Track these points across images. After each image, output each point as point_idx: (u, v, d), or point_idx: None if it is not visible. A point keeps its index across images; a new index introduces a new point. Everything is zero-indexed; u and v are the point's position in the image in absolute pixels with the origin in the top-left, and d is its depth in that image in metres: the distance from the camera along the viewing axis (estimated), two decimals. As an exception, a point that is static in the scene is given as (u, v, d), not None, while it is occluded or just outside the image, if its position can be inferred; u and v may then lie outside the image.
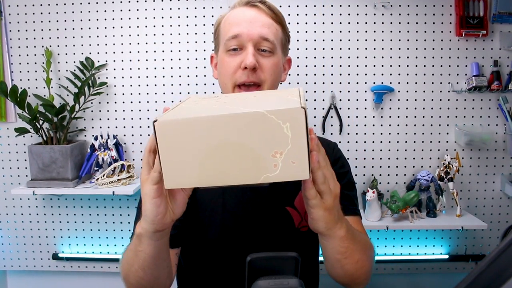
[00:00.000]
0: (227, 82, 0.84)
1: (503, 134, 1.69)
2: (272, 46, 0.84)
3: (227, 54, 0.84)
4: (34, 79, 1.71)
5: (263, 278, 0.62)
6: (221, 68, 0.86)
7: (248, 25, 0.83)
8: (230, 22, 0.85)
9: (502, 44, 1.64)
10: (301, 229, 0.91)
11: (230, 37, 0.83)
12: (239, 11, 0.86)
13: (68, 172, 1.58)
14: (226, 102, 0.55)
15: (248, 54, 0.81)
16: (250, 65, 0.80)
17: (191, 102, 0.59)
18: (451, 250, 1.76)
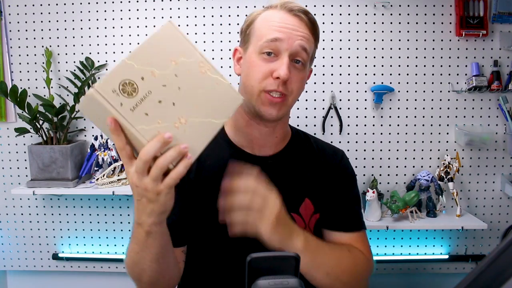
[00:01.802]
0: (254, 86, 0.82)
1: (503, 134, 1.69)
2: (306, 59, 0.84)
3: (259, 57, 0.82)
4: (34, 79, 1.71)
5: (263, 278, 0.62)
6: (250, 69, 0.84)
7: (290, 33, 0.81)
8: (271, 24, 0.82)
9: (502, 44, 1.64)
10: None
11: (269, 39, 0.81)
12: (281, 16, 0.83)
13: (68, 172, 1.58)
14: None
15: (284, 64, 0.79)
16: (284, 77, 0.79)
17: None
18: (451, 250, 1.76)
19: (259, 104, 0.83)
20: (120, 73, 0.57)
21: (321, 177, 0.94)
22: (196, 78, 0.65)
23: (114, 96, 0.56)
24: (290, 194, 0.90)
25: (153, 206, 0.61)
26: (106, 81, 0.55)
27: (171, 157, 0.58)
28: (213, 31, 1.68)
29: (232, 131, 0.93)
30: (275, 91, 0.81)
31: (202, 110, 0.66)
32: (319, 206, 0.93)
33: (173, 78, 0.62)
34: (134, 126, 0.57)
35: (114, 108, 0.56)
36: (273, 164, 0.91)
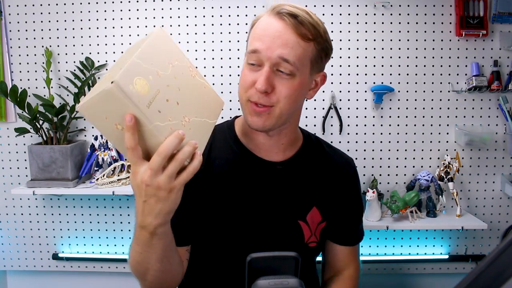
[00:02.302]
0: (242, 95, 0.81)
1: (503, 134, 1.69)
2: (292, 68, 0.77)
3: (247, 66, 0.80)
4: (34, 79, 1.71)
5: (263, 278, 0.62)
6: (240, 78, 0.83)
7: (269, 42, 0.76)
8: (257, 33, 0.79)
9: (502, 44, 1.64)
10: (309, 244, 0.91)
11: (250, 51, 0.79)
12: (267, 22, 0.79)
13: (68, 172, 1.58)
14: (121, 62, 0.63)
15: (262, 76, 0.76)
16: (260, 89, 0.76)
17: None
18: (451, 250, 1.76)
19: (246, 114, 0.82)
20: (132, 71, 0.56)
21: (331, 186, 0.94)
22: (189, 80, 0.67)
23: (133, 91, 0.54)
24: (298, 202, 0.90)
25: (162, 206, 0.60)
26: (124, 76, 0.54)
27: (189, 152, 0.58)
28: (213, 31, 1.68)
29: (242, 134, 0.92)
30: (258, 103, 0.78)
31: (199, 110, 0.68)
32: (327, 215, 0.92)
33: (173, 79, 0.63)
34: (151, 122, 0.56)
35: (134, 104, 0.54)
36: (282, 170, 0.90)
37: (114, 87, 0.53)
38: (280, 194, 0.89)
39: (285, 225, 0.88)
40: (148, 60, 0.59)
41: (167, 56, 0.64)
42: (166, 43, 0.65)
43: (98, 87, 0.58)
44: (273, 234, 0.87)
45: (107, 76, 0.61)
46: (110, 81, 0.54)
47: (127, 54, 0.66)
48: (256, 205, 0.87)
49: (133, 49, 0.65)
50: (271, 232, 0.87)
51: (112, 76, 0.55)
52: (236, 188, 0.87)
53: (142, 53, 0.59)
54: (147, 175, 0.57)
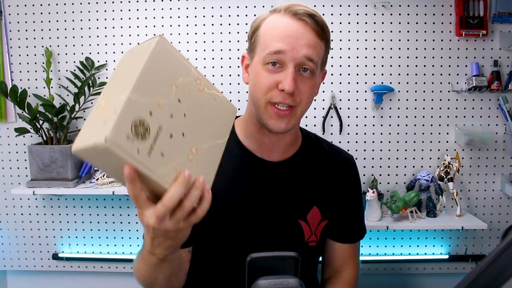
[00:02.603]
0: (260, 98, 0.80)
1: (503, 134, 1.69)
2: (314, 67, 0.79)
3: (264, 67, 0.78)
4: (34, 79, 1.71)
5: (263, 278, 0.62)
6: (256, 81, 0.80)
7: (293, 43, 0.76)
8: (273, 33, 0.78)
9: (502, 44, 1.64)
10: (309, 243, 0.91)
11: (272, 52, 0.77)
12: (284, 22, 0.78)
13: (68, 172, 1.58)
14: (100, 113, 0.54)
15: (288, 77, 0.75)
16: (289, 90, 0.75)
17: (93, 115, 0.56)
18: (451, 250, 1.76)
19: (267, 117, 0.80)
20: (128, 113, 0.49)
21: (331, 184, 0.94)
22: (196, 98, 0.60)
23: (130, 144, 0.48)
24: (298, 202, 0.90)
25: (171, 242, 0.59)
26: (118, 127, 0.47)
27: (196, 197, 0.54)
28: (214, 31, 1.68)
29: (243, 135, 0.91)
30: (281, 103, 0.78)
31: (208, 133, 0.62)
32: (327, 213, 0.93)
33: (177, 105, 0.56)
34: (154, 172, 0.51)
35: (132, 158, 0.48)
36: (282, 170, 0.90)
37: (108, 144, 0.46)
38: (280, 194, 0.89)
39: (285, 224, 0.88)
40: (147, 91, 0.52)
41: (170, 75, 0.56)
42: (168, 57, 0.56)
43: (93, 126, 0.51)
44: (273, 234, 0.88)
45: (102, 105, 0.52)
46: (104, 118, 0.48)
47: (122, 69, 0.58)
48: (257, 205, 0.87)
49: (129, 63, 0.57)
50: (271, 232, 0.88)
51: (109, 107, 0.49)
52: (236, 189, 0.87)
53: (139, 84, 0.50)
54: (153, 221, 0.53)
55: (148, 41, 0.57)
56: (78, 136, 0.52)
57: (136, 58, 0.56)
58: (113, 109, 0.49)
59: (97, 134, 0.47)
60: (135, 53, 0.58)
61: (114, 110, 0.48)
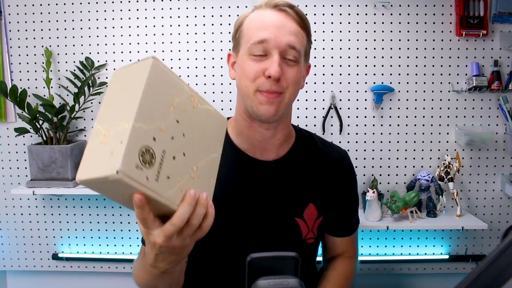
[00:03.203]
0: (248, 86, 0.81)
1: (503, 134, 1.69)
2: (297, 55, 0.81)
3: (250, 57, 0.81)
4: (34, 79, 1.71)
5: (263, 278, 0.62)
6: (242, 71, 0.82)
7: (276, 31, 0.79)
8: (256, 25, 0.81)
9: (502, 44, 1.64)
10: (307, 240, 0.91)
11: (256, 41, 0.79)
12: (266, 14, 0.82)
13: (68, 172, 1.58)
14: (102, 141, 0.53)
15: (274, 63, 0.78)
16: (275, 75, 0.77)
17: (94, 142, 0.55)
18: (451, 250, 1.76)
19: (256, 104, 0.81)
20: (135, 143, 0.50)
21: (326, 181, 0.94)
22: (192, 116, 0.61)
23: (139, 173, 0.49)
24: (294, 199, 0.90)
25: (175, 257, 0.60)
26: (127, 158, 0.48)
27: (202, 214, 0.56)
28: (213, 31, 1.68)
29: (235, 134, 0.92)
30: (269, 91, 0.80)
31: (204, 148, 0.63)
32: (323, 210, 0.93)
33: (176, 126, 0.57)
34: (163, 196, 0.52)
35: (142, 186, 0.50)
36: (277, 169, 0.90)
37: (120, 176, 0.47)
38: (276, 193, 0.89)
39: (282, 223, 0.89)
40: (149, 117, 0.52)
41: (167, 97, 0.56)
42: (163, 78, 0.56)
43: (97, 155, 0.51)
44: (270, 233, 0.88)
45: (103, 132, 0.52)
46: (109, 148, 0.49)
47: (117, 93, 0.56)
48: (252, 205, 0.88)
49: (123, 86, 0.56)
50: (269, 231, 0.88)
51: (112, 136, 0.50)
52: (230, 190, 0.87)
53: (141, 111, 0.51)
54: (161, 240, 0.54)
55: (140, 63, 0.56)
56: (82, 165, 0.52)
57: (130, 82, 0.55)
58: (117, 139, 0.49)
59: (105, 165, 0.48)
60: (127, 76, 0.57)
61: (120, 140, 0.49)
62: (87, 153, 0.53)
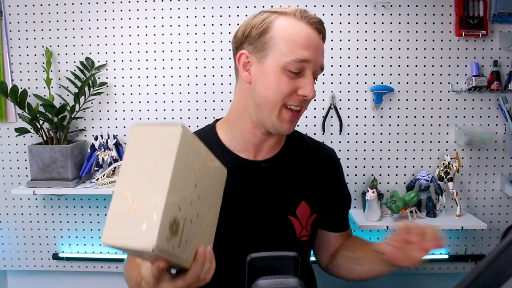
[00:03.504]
0: (278, 101, 0.81)
1: (503, 134, 1.69)
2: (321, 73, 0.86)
3: (284, 72, 0.79)
4: (34, 79, 1.71)
5: (263, 277, 0.62)
6: (273, 84, 0.80)
7: (315, 52, 0.81)
8: (297, 40, 0.79)
9: (502, 44, 1.64)
10: (301, 238, 0.92)
11: (299, 59, 0.78)
12: (304, 30, 0.80)
13: (68, 172, 1.59)
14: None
15: (309, 84, 0.80)
16: (311, 97, 0.81)
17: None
18: (451, 250, 1.76)
19: (279, 120, 0.83)
20: (167, 217, 0.51)
21: (317, 178, 0.96)
22: (205, 176, 0.62)
23: (168, 244, 0.52)
24: (287, 198, 0.91)
25: None
26: (161, 233, 0.50)
27: (209, 269, 0.62)
28: (213, 31, 1.68)
29: (227, 137, 0.92)
30: (296, 106, 0.82)
31: (211, 205, 0.66)
32: (316, 207, 0.94)
33: (194, 190, 0.59)
34: (181, 259, 0.56)
35: (168, 254, 0.53)
36: (268, 168, 0.91)
37: (155, 252, 0.49)
38: (268, 192, 0.90)
39: (276, 221, 0.89)
40: (178, 188, 0.54)
41: (190, 163, 0.57)
42: (189, 146, 0.57)
43: (126, 222, 0.53)
44: (265, 232, 0.88)
45: (130, 199, 0.54)
46: (140, 219, 0.51)
47: (142, 155, 0.56)
48: (245, 205, 0.88)
49: (149, 150, 0.56)
50: (263, 230, 0.88)
51: (142, 205, 0.51)
52: (225, 192, 0.88)
53: (172, 185, 0.52)
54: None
55: (166, 128, 0.56)
56: (108, 228, 0.54)
57: (157, 147, 0.55)
58: (149, 211, 0.51)
59: (137, 236, 0.50)
60: (152, 139, 0.56)
61: (153, 214, 0.50)
62: (113, 216, 0.55)
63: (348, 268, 0.96)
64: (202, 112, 1.71)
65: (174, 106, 1.71)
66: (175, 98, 1.71)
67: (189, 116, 1.71)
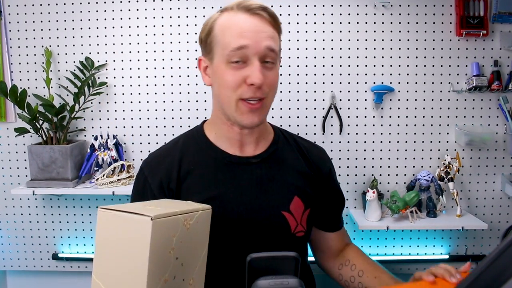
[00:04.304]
0: (230, 96, 0.81)
1: (503, 134, 1.69)
2: (275, 56, 0.82)
3: (228, 66, 0.80)
4: (34, 79, 1.71)
5: (263, 278, 0.62)
6: (222, 80, 0.82)
7: (254, 36, 0.78)
8: (232, 31, 0.79)
9: (502, 44, 1.64)
10: (297, 234, 0.91)
11: (235, 48, 0.78)
12: (241, 19, 0.80)
13: (68, 172, 1.58)
14: None
15: (255, 71, 0.78)
16: (258, 83, 0.78)
17: None
18: (451, 250, 1.76)
19: (239, 114, 0.82)
20: None
21: (309, 175, 0.96)
22: (187, 239, 0.61)
23: None
24: (279, 193, 0.91)
25: None
26: None
27: None
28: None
29: (213, 136, 0.93)
30: (252, 98, 0.80)
31: (197, 254, 0.65)
32: (309, 202, 0.94)
33: (176, 262, 0.58)
34: None
35: None
36: (258, 164, 0.91)
37: None
38: (260, 188, 0.90)
39: (270, 218, 0.89)
40: (156, 277, 0.53)
41: (168, 245, 0.57)
42: (163, 230, 0.56)
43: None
44: (260, 229, 0.88)
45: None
46: None
47: (113, 247, 0.56)
48: (238, 202, 0.88)
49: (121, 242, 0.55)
50: (258, 227, 0.88)
51: None
52: (218, 189, 0.88)
53: (149, 280, 0.52)
54: None
55: (136, 219, 0.54)
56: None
57: (129, 238, 0.54)
58: None
59: None
60: (122, 229, 0.55)
61: None
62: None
63: (358, 285, 0.99)
64: (202, 112, 1.71)
65: (174, 106, 1.71)
66: (175, 98, 1.71)
67: (188, 116, 1.71)
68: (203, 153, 0.92)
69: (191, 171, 0.90)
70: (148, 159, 0.96)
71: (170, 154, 0.93)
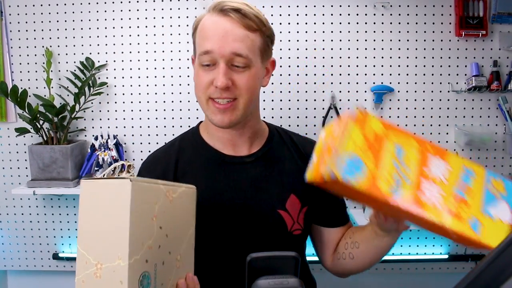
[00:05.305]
0: (201, 95, 0.84)
1: (502, 134, 1.69)
2: (246, 61, 0.81)
3: (201, 68, 0.83)
4: (35, 79, 1.71)
5: (263, 277, 0.63)
6: (196, 81, 0.85)
7: (220, 41, 0.79)
8: (203, 34, 0.82)
9: (501, 44, 1.65)
10: (293, 232, 0.91)
11: (202, 52, 0.81)
12: (212, 21, 0.81)
13: (68, 172, 1.59)
14: None
15: (219, 74, 0.79)
16: (221, 86, 0.79)
17: None
18: (450, 249, 1.76)
19: (210, 114, 0.84)
20: (134, 276, 0.52)
21: (304, 171, 0.95)
22: (169, 210, 0.62)
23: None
24: (275, 191, 0.90)
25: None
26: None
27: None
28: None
29: (207, 136, 0.94)
30: (219, 98, 0.81)
31: (184, 232, 0.65)
32: (306, 199, 0.93)
33: (160, 232, 0.58)
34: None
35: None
36: (252, 163, 0.91)
37: None
38: (255, 187, 0.90)
39: (266, 216, 0.89)
40: (139, 244, 0.54)
41: (150, 211, 0.57)
42: (144, 195, 0.56)
43: (92, 286, 0.52)
44: (256, 228, 0.88)
45: (93, 263, 0.53)
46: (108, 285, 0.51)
47: (95, 214, 0.56)
48: (234, 201, 0.88)
49: (103, 209, 0.55)
50: (254, 226, 0.88)
51: (106, 270, 0.51)
52: (213, 189, 0.88)
53: (132, 246, 0.52)
54: None
55: (115, 183, 0.55)
56: None
57: (110, 205, 0.54)
58: (114, 277, 0.50)
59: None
60: (103, 196, 0.55)
61: (119, 280, 0.50)
62: (80, 283, 0.53)
63: (349, 255, 0.93)
64: (202, 112, 1.70)
65: (174, 106, 1.71)
66: (175, 98, 1.71)
67: (188, 116, 1.71)
68: (198, 153, 0.93)
69: (186, 171, 0.90)
70: (146, 160, 0.98)
71: (167, 155, 0.94)
